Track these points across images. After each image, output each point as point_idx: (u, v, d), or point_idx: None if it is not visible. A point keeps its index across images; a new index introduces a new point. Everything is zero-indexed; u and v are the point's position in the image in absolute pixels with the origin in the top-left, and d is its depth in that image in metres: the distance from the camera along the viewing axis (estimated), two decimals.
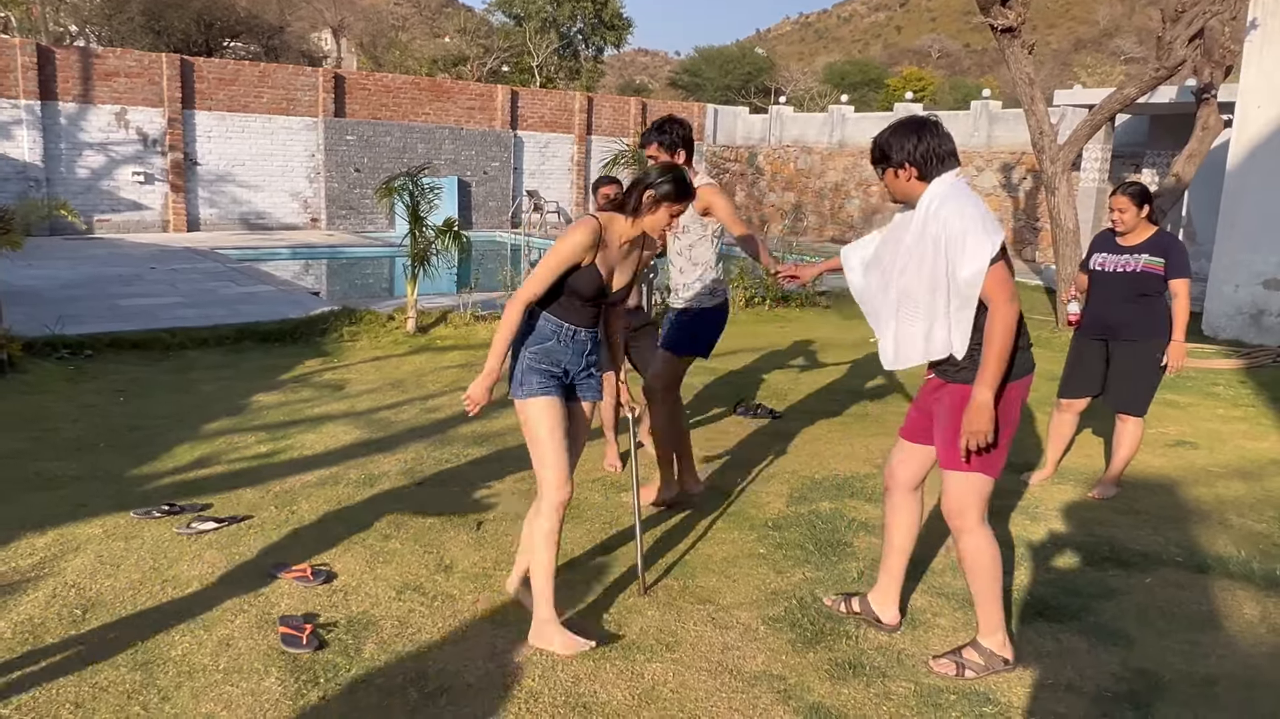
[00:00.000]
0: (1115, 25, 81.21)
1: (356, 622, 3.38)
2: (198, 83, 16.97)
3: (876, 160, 3.13)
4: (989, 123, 19.12)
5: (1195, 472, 5.43)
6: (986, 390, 2.94)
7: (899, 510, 3.41)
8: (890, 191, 3.15)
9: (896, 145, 3.03)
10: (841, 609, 3.55)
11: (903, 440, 3.39)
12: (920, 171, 3.02)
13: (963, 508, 3.11)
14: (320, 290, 11.38)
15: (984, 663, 3.15)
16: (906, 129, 3.05)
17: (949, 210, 2.93)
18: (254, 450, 5.35)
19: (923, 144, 3.00)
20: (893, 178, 3.09)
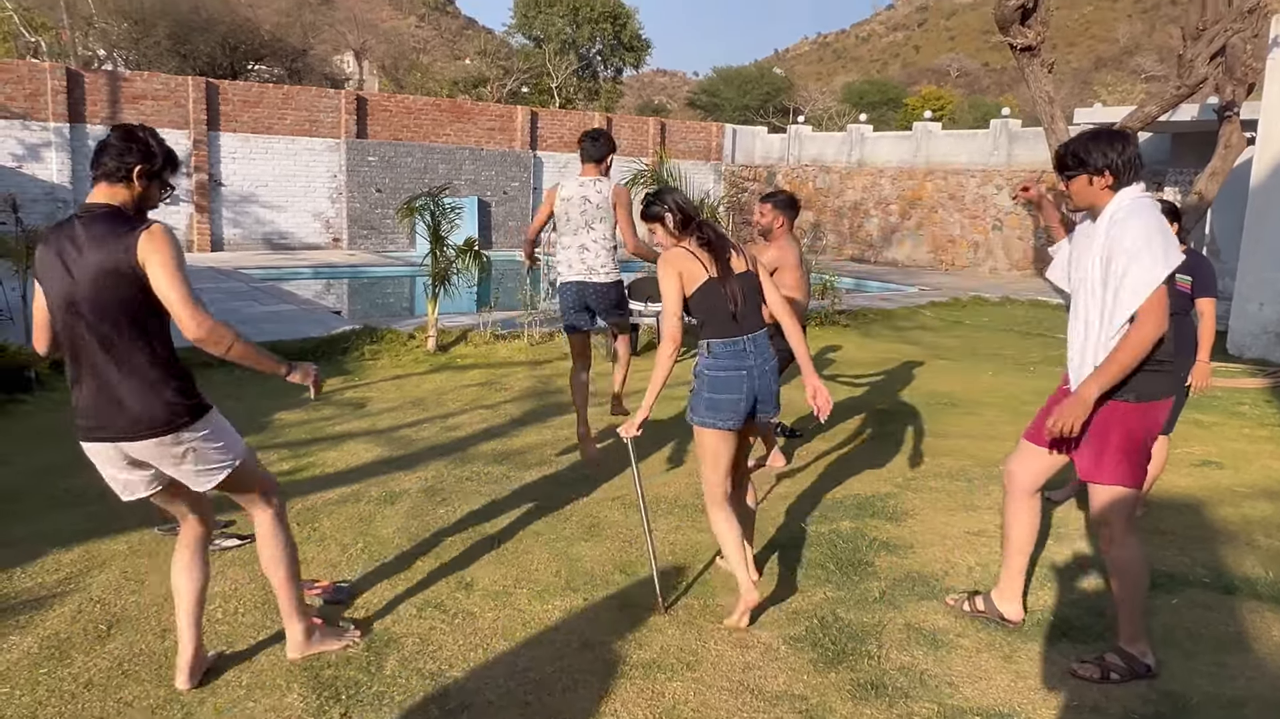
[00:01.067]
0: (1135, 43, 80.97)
1: (378, 639, 3.39)
2: (223, 105, 17.23)
3: (1070, 165, 3.16)
4: (1009, 141, 19.08)
5: (1221, 491, 5.37)
6: (1094, 388, 3.05)
7: (1019, 513, 3.49)
8: (1075, 198, 3.21)
9: (1099, 151, 3.09)
10: (965, 608, 3.64)
11: (1025, 443, 3.46)
12: (1116, 179, 3.10)
13: (1109, 519, 3.18)
14: (342, 309, 11.47)
15: (1127, 667, 3.19)
16: (1109, 137, 3.12)
17: (1134, 225, 3.01)
18: (276, 468, 5.38)
19: (1126, 153, 3.09)
20: (1085, 184, 3.14)
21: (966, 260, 19.44)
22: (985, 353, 9.96)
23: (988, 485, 5.35)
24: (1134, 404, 3.09)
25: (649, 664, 3.26)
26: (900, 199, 20.54)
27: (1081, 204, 3.20)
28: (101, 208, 2.76)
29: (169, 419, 2.79)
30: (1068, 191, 3.22)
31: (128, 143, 2.79)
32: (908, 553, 4.32)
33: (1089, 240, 3.21)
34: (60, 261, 2.72)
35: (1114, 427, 3.11)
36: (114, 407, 2.76)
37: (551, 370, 8.38)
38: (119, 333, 2.74)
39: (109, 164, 2.76)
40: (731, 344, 3.56)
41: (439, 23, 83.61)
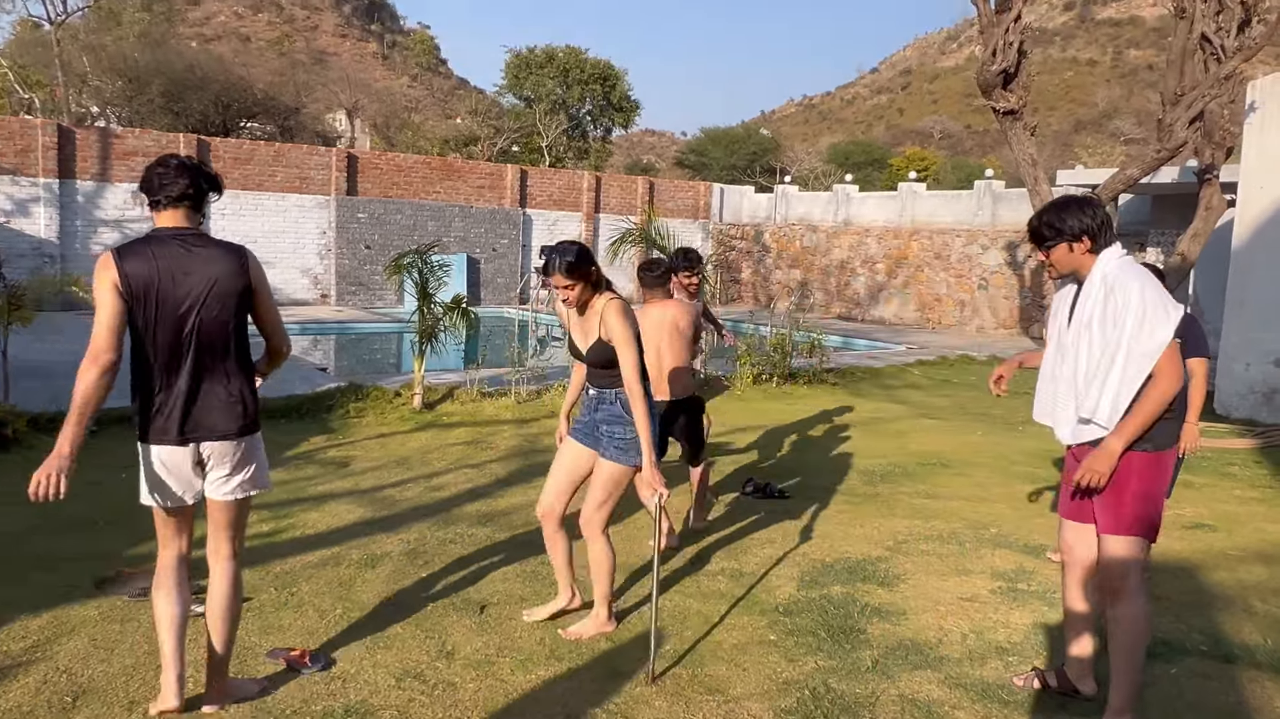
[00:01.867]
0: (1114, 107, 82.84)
1: (354, 710, 3.27)
2: (214, 162, 17.31)
3: (1046, 237, 3.21)
4: (993, 202, 19.34)
5: (1215, 555, 5.31)
6: (1120, 442, 3.06)
7: (1080, 584, 3.42)
8: (1056, 266, 3.25)
9: (1072, 218, 3.15)
10: (1035, 685, 3.54)
11: (1068, 522, 3.41)
12: (1094, 243, 3.15)
13: (1125, 571, 3.14)
14: (328, 366, 11.40)
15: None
16: (1078, 203, 3.18)
17: (1133, 286, 3.05)
18: (256, 529, 5.26)
19: (1098, 216, 3.15)
20: (1065, 251, 3.19)
21: (953, 319, 19.55)
22: (974, 412, 9.94)
23: (979, 549, 5.28)
24: (1151, 454, 3.11)
25: None
26: (886, 258, 20.72)
27: (1064, 271, 3.25)
28: (191, 230, 3.05)
29: (246, 424, 3.13)
30: (1048, 261, 3.26)
31: (197, 172, 3.05)
32: (900, 619, 4.23)
33: (1065, 300, 3.31)
34: (169, 277, 2.95)
35: (1131, 477, 3.12)
36: (212, 409, 3.04)
37: (539, 429, 8.30)
38: (225, 343, 3.06)
39: (179, 190, 3.01)
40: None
41: (431, 83, 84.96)
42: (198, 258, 2.99)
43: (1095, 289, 3.14)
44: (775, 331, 11.68)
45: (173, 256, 2.97)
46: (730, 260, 23.94)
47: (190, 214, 3.05)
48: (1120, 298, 3.05)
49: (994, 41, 10.31)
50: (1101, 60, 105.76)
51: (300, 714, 3.23)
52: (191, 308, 2.97)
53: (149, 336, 2.99)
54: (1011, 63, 10.31)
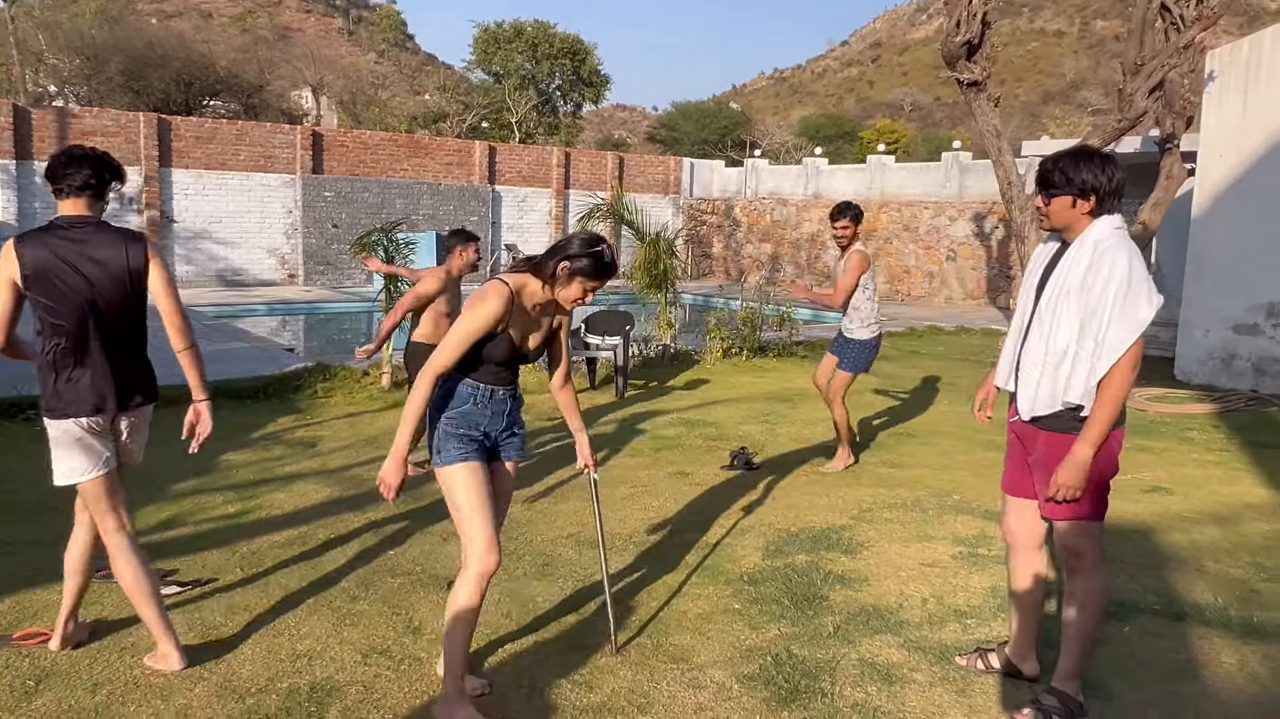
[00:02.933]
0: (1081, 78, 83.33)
1: (320, 687, 3.29)
2: (175, 141, 17.05)
3: (1056, 184, 2.99)
4: (960, 173, 19.45)
5: (1170, 518, 5.43)
6: (1089, 448, 2.93)
7: (1025, 566, 3.36)
8: (1049, 217, 3.06)
9: (1090, 172, 2.95)
10: (979, 666, 3.50)
11: (1011, 498, 3.34)
12: (1099, 205, 2.97)
13: (1079, 549, 3.11)
14: (296, 346, 11.32)
15: (1064, 708, 3.10)
16: (1101, 159, 2.97)
17: (1121, 259, 2.89)
18: (222, 511, 5.25)
19: (1115, 179, 2.95)
20: (1067, 205, 2.99)
21: (922, 291, 19.70)
22: (942, 383, 10.05)
23: (942, 515, 5.37)
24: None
25: (599, 708, 3.19)
26: (1045, 203, 20.79)
27: (1057, 224, 3.06)
28: (92, 219, 3.27)
29: (153, 394, 3.49)
30: (1044, 210, 3.07)
31: (96, 161, 3.25)
32: (862, 586, 4.30)
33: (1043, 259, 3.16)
34: (68, 263, 3.17)
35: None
36: (124, 382, 3.34)
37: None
38: (127, 323, 3.35)
39: (80, 180, 3.22)
40: None
41: (398, 59, 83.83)
42: (94, 244, 3.22)
43: (1084, 254, 2.97)
44: (745, 305, 11.72)
45: (71, 243, 3.19)
46: (701, 235, 23.94)
47: (92, 202, 3.27)
48: (1106, 269, 2.90)
49: (958, 13, 10.34)
50: (1069, 31, 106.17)
51: (265, 692, 3.25)
52: (92, 292, 3.21)
53: (56, 321, 3.20)
54: (975, 34, 10.34)
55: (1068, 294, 2.99)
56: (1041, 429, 3.11)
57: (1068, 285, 3.00)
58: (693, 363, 10.55)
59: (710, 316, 11.22)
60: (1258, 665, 3.59)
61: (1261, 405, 9.00)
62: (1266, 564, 4.68)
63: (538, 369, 9.54)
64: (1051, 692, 3.16)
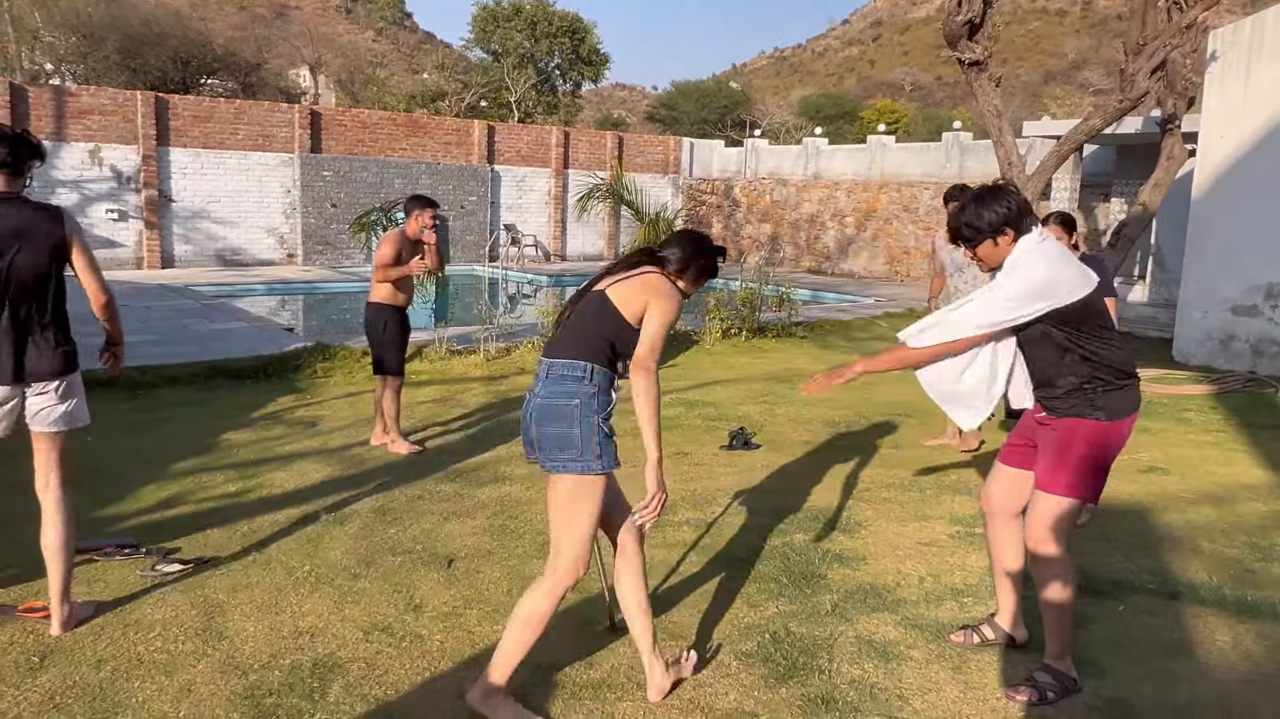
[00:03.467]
0: (1083, 58, 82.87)
1: (322, 663, 3.32)
2: (173, 120, 16.97)
3: (968, 237, 3.20)
4: (960, 154, 19.39)
5: (1167, 498, 5.46)
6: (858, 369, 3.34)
7: (1003, 534, 3.46)
8: (987, 263, 3.25)
9: (988, 213, 3.14)
10: (975, 640, 3.57)
11: (1003, 466, 3.46)
12: (1016, 232, 3.15)
13: (1049, 529, 3.17)
14: (295, 326, 11.32)
15: (1059, 684, 3.18)
16: (990, 197, 3.16)
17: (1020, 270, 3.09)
18: (223, 490, 5.28)
19: (1012, 205, 3.14)
20: (991, 247, 3.19)
21: (921, 271, 19.67)
22: None
23: (939, 495, 5.40)
24: (1104, 423, 3.12)
25: (599, 684, 3.23)
26: (856, 211, 20.76)
27: (994, 264, 3.24)
28: (10, 194, 3.36)
29: (64, 366, 3.49)
30: (976, 258, 3.27)
31: (17, 140, 3.36)
32: (860, 565, 4.34)
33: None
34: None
35: (1078, 442, 3.13)
36: (34, 354, 3.41)
37: (508, 386, 8.32)
38: (42, 295, 3.42)
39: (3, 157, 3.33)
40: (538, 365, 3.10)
41: (396, 37, 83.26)
42: (10, 219, 3.32)
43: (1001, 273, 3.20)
44: (744, 286, 11.72)
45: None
46: (700, 215, 23.89)
47: (10, 179, 3.36)
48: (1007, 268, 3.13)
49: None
50: (1071, 10, 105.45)
51: (268, 668, 3.28)
52: (6, 266, 3.31)
53: None
54: (977, 13, 10.27)
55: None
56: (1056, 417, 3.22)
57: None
58: (692, 343, 10.56)
59: (709, 297, 11.22)
60: (1251, 643, 3.63)
61: (1259, 386, 9.02)
62: (1261, 544, 4.71)
63: (541, 348, 9.55)
64: (1045, 669, 3.22)
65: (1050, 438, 3.22)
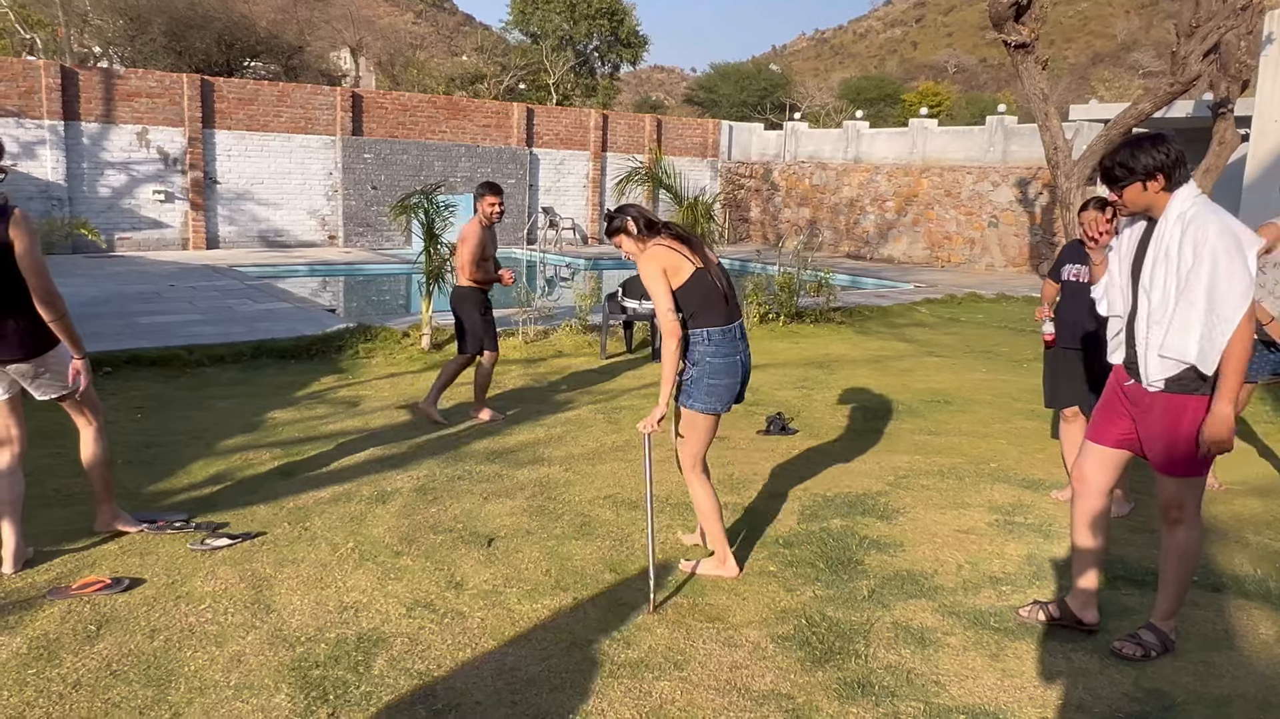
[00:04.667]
0: (1133, 39, 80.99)
1: (366, 638, 3.40)
2: (218, 102, 17.20)
3: (1119, 177, 3.21)
4: (1004, 138, 19.09)
5: (1211, 490, 5.37)
6: (1227, 404, 3.10)
7: (1091, 514, 3.53)
8: (1129, 205, 3.26)
9: (1145, 157, 3.15)
10: (1040, 618, 3.63)
11: (1094, 445, 3.51)
12: (1168, 180, 3.16)
13: (1183, 502, 3.32)
14: (337, 308, 11.47)
15: (1160, 643, 3.38)
16: (1150, 141, 3.18)
17: (1212, 230, 3.06)
18: (268, 467, 5.39)
19: (1171, 154, 3.15)
20: (1139, 190, 3.19)
21: (962, 257, 19.45)
22: (979, 350, 9.97)
23: (979, 483, 5.37)
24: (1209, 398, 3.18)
25: (637, 663, 3.27)
26: (896, 196, 20.55)
27: (1137, 209, 3.26)
28: None
29: (31, 351, 3.80)
30: (1120, 201, 3.28)
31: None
32: (897, 551, 4.33)
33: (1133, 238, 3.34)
34: None
35: (1186, 420, 3.20)
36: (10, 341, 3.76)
37: (546, 368, 8.38)
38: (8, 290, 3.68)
39: None
40: (727, 331, 3.79)
41: (436, 19, 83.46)
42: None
43: (1173, 227, 3.15)
44: (783, 270, 11.67)
45: None
46: (739, 199, 23.78)
47: None
48: (1197, 235, 3.07)
49: None
50: None
51: (314, 641, 3.36)
52: None
53: None
54: None
55: (1164, 262, 3.18)
56: (1161, 393, 3.24)
57: (1163, 255, 3.19)
58: None
59: (747, 281, 11.19)
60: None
61: None
62: None
63: (578, 331, 9.60)
64: (1151, 628, 3.42)
65: (1155, 419, 3.26)
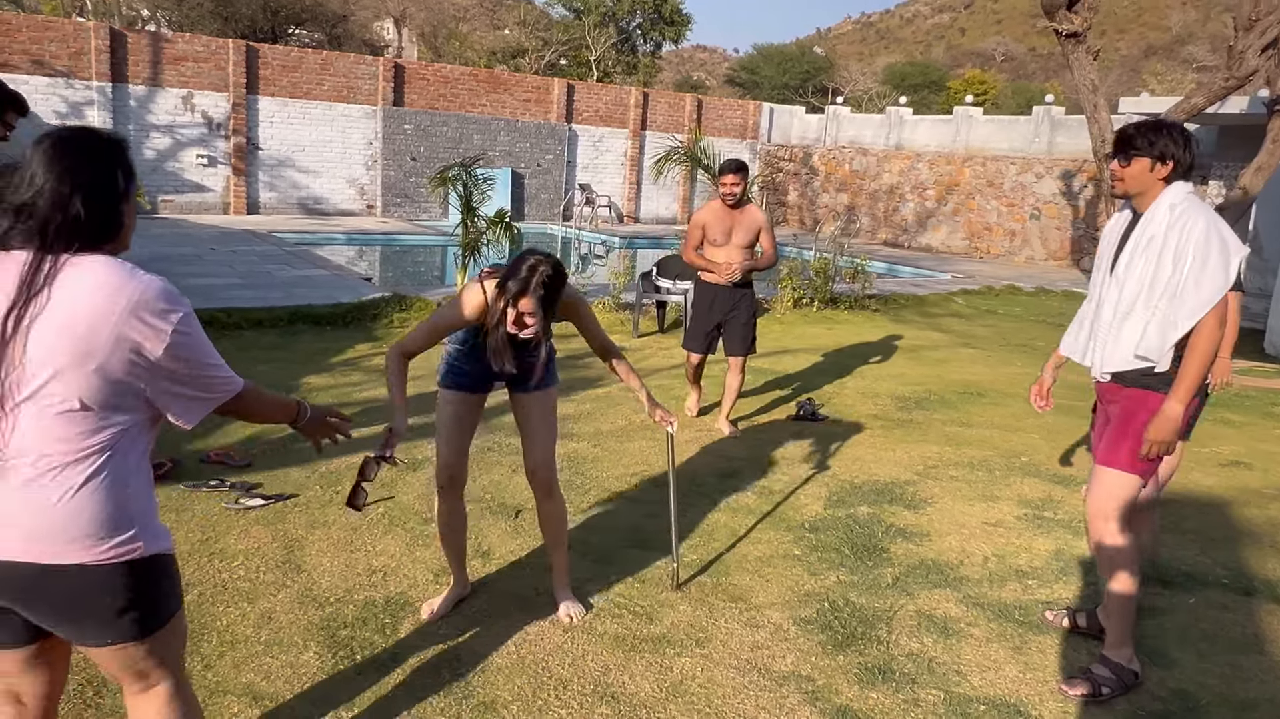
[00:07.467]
0: (1188, 32, 79.12)
1: (394, 601, 3.46)
2: (262, 69, 17.32)
3: (1138, 146, 3.04)
4: (1051, 129, 18.77)
5: (1247, 492, 5.30)
6: (1179, 404, 2.97)
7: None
8: (1127, 180, 3.09)
9: (1170, 139, 3.02)
10: (1065, 624, 3.53)
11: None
12: (1173, 172, 3.03)
13: (1110, 508, 3.10)
14: (373, 276, 11.57)
15: (1116, 678, 3.10)
16: (1180, 130, 3.07)
17: (1199, 223, 2.94)
18: None
19: (1190, 149, 3.04)
20: (1145, 168, 3.04)
21: (1002, 249, 19.20)
22: (1015, 343, 9.86)
23: (1009, 477, 5.33)
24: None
25: (659, 639, 3.30)
26: (937, 184, 20.29)
27: (1132, 189, 3.08)
28: None
29: None
30: (1121, 174, 3.09)
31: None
32: (924, 541, 4.32)
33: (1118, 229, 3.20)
34: None
35: (1141, 415, 3.05)
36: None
37: (577, 345, 8.39)
38: None
39: None
40: None
41: None
42: None
43: (1160, 215, 3.02)
44: (819, 256, 11.59)
45: None
46: (777, 183, 23.61)
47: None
48: (1184, 232, 2.94)
49: None
50: None
51: (343, 602, 3.43)
52: None
53: None
54: None
55: (1144, 251, 3.03)
56: (1123, 385, 3.12)
57: (1144, 244, 3.04)
58: (762, 311, 10.51)
59: (783, 265, 11.13)
60: None
61: None
62: None
63: (611, 309, 9.62)
64: (1104, 661, 3.14)
65: (1115, 412, 3.14)
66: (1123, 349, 3.08)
